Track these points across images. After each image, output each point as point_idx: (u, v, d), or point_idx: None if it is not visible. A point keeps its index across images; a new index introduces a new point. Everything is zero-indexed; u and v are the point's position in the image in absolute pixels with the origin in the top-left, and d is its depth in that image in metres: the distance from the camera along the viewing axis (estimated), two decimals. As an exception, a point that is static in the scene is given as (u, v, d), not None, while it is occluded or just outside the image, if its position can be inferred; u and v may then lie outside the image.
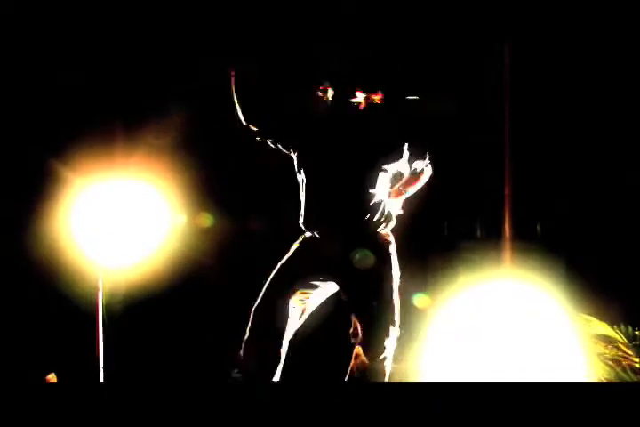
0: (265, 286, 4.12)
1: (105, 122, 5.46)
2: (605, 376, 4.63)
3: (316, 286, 4.13)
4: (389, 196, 4.25)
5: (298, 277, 4.11)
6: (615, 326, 4.86)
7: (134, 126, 5.48)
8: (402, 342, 4.12)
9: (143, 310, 5.48)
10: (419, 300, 5.06)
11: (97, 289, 4.82)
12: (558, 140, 5.64)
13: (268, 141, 4.29)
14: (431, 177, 4.37)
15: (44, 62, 5.44)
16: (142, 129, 5.47)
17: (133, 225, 4.69)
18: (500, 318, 4.08)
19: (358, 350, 4.07)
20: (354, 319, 4.10)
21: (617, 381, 4.58)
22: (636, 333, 4.80)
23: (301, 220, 4.19)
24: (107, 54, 5.45)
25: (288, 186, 4.35)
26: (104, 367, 4.75)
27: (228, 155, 5.60)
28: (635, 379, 4.60)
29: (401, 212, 4.36)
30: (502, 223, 5.31)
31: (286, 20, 5.38)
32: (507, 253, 5.26)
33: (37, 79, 5.46)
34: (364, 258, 4.09)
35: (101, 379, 4.74)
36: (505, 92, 5.31)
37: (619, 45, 5.45)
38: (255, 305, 4.10)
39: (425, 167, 4.33)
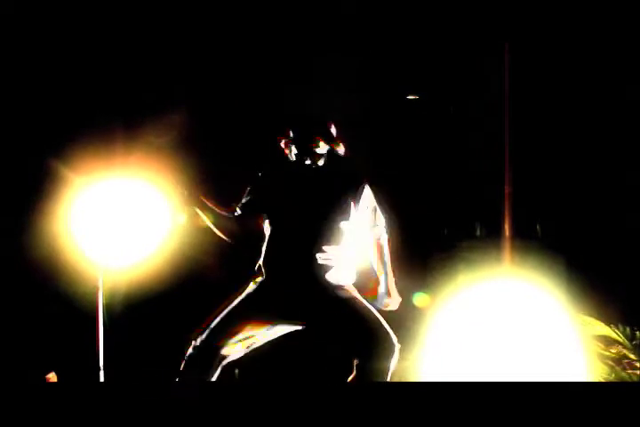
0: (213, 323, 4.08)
1: (105, 122, 5.46)
2: (605, 376, 4.64)
3: (264, 331, 4.06)
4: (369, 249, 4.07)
5: (248, 320, 4.06)
6: (614, 326, 4.87)
7: (134, 126, 5.49)
8: (402, 341, 4.11)
9: (143, 310, 5.49)
10: (419, 299, 5.06)
11: (97, 289, 4.82)
12: (558, 140, 5.65)
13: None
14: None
15: (45, 62, 5.45)
16: (142, 129, 5.48)
17: (133, 225, 4.68)
18: (499, 318, 4.07)
19: None
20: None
21: (617, 381, 4.58)
22: (635, 332, 4.81)
23: (261, 261, 4.12)
24: (107, 54, 5.46)
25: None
26: (104, 367, 4.75)
27: (229, 154, 5.61)
28: (634, 379, 4.60)
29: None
30: (502, 223, 5.31)
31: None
32: (507, 253, 5.26)
33: (38, 79, 5.47)
34: None
35: (101, 379, 4.74)
36: (505, 92, 5.31)
37: (618, 45, 5.47)
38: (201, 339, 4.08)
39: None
